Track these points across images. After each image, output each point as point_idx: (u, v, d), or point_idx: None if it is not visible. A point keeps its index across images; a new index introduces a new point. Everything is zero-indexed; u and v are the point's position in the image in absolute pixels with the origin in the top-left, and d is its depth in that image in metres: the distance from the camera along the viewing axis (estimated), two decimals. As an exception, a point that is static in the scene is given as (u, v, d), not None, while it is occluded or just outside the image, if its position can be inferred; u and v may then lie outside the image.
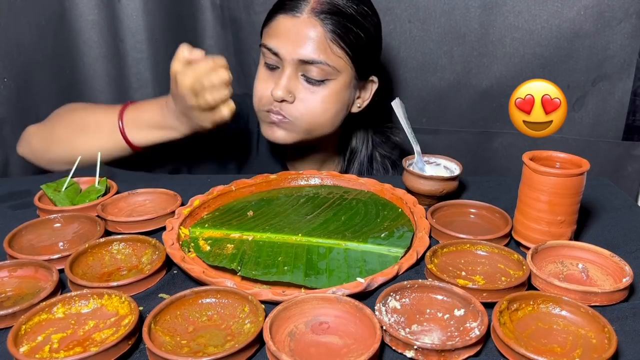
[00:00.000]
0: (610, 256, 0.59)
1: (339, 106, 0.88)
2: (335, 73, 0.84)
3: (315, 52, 0.82)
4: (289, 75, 0.84)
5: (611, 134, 1.13)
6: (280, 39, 0.83)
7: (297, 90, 0.85)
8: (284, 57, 0.83)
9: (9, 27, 1.04)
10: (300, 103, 0.85)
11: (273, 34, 0.85)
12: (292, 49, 0.82)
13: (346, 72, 0.86)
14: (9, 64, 1.05)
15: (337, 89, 0.86)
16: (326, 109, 0.87)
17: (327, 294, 0.52)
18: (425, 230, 0.65)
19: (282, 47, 0.83)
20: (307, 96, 0.85)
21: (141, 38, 1.20)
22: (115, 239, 0.63)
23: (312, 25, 0.82)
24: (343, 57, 0.84)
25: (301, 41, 0.82)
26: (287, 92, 0.84)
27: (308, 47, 0.82)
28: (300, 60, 0.83)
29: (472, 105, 1.18)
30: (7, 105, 1.05)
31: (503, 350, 0.47)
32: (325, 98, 0.86)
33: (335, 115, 0.89)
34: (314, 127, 0.88)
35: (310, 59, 0.82)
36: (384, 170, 1.01)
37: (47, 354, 0.46)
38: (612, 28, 1.05)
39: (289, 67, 0.84)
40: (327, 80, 0.85)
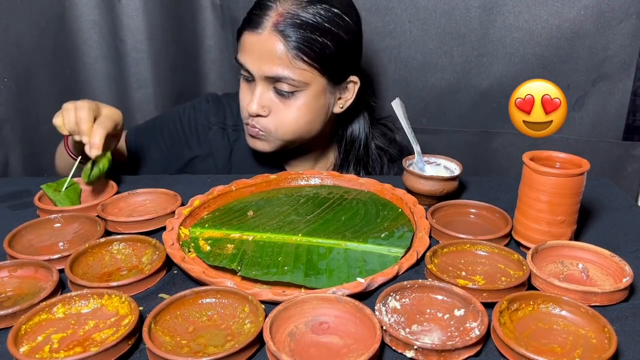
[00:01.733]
0: (610, 256, 0.59)
1: (314, 114, 0.88)
2: (303, 85, 0.84)
3: (278, 68, 0.82)
4: (261, 90, 0.85)
5: (611, 134, 1.13)
6: (247, 56, 0.84)
7: (271, 103, 0.86)
8: (252, 72, 0.85)
9: (9, 27, 1.04)
10: (274, 116, 0.87)
11: (242, 50, 0.86)
12: (258, 66, 0.83)
13: (315, 83, 0.85)
14: (9, 64, 1.05)
15: (309, 99, 0.86)
16: (299, 118, 0.87)
17: (327, 294, 0.52)
18: (425, 230, 0.65)
19: (249, 64, 0.84)
20: (280, 109, 0.86)
21: (141, 38, 1.20)
22: (116, 239, 0.63)
23: (273, 41, 0.81)
24: (309, 70, 0.83)
25: (264, 58, 0.82)
26: (260, 107, 0.85)
27: (271, 64, 0.82)
28: (266, 77, 0.84)
29: (472, 105, 1.18)
30: (7, 105, 1.05)
31: (503, 350, 0.47)
32: (299, 109, 0.86)
33: (311, 122, 0.89)
34: (292, 137, 0.89)
35: (275, 75, 0.82)
36: (381, 166, 1.01)
37: (47, 354, 0.46)
38: (612, 28, 1.05)
39: (260, 83, 0.85)
40: (297, 91, 0.85)
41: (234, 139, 0.99)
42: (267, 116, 0.86)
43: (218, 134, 0.98)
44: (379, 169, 1.01)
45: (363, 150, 1.00)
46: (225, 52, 1.32)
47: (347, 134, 1.00)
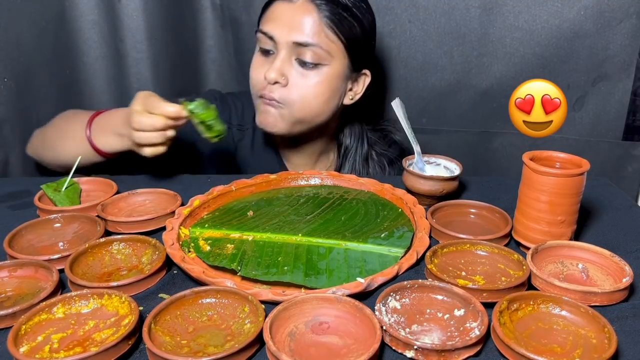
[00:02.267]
0: (610, 256, 0.59)
1: (331, 93, 0.89)
2: (329, 58, 0.86)
3: (310, 35, 0.84)
4: (283, 59, 0.85)
5: (611, 134, 1.13)
6: (276, 23, 0.85)
7: (290, 75, 0.86)
8: (278, 40, 0.85)
9: (9, 27, 1.03)
10: (293, 87, 0.86)
11: (269, 19, 0.87)
12: (287, 32, 0.84)
13: (339, 60, 0.87)
14: (9, 64, 1.04)
15: (330, 75, 0.87)
16: (318, 94, 0.87)
17: (327, 294, 0.52)
18: (425, 230, 0.65)
19: (277, 30, 0.85)
20: (300, 81, 0.86)
21: (141, 38, 1.20)
22: (115, 239, 0.63)
23: (307, 10, 0.84)
24: (336, 43, 0.86)
25: (296, 24, 0.84)
26: (280, 74, 0.85)
27: (303, 30, 0.84)
28: (295, 43, 0.84)
29: (472, 105, 1.18)
30: (7, 105, 1.05)
31: (503, 350, 0.47)
32: (318, 83, 0.87)
33: (327, 102, 0.89)
34: (305, 114, 0.89)
35: (304, 41, 0.84)
36: (381, 169, 1.02)
37: (47, 354, 0.46)
38: (612, 28, 1.05)
39: (283, 50, 0.85)
40: (320, 65, 0.86)
41: (238, 138, 0.99)
42: (285, 86, 0.86)
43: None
44: (379, 171, 1.01)
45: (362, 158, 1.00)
46: (225, 52, 1.32)
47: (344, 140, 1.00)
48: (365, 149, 1.01)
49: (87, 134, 0.83)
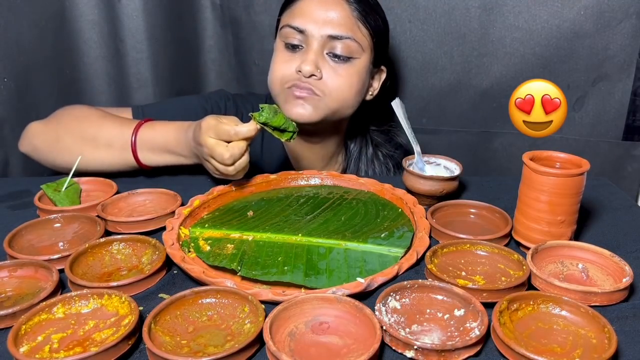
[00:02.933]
0: (610, 256, 0.59)
1: (361, 86, 0.91)
2: (360, 51, 0.87)
3: (343, 28, 0.85)
4: (316, 52, 0.85)
5: (611, 134, 1.13)
6: (307, 18, 0.85)
7: (324, 68, 0.86)
8: (311, 33, 0.85)
9: (9, 27, 1.04)
10: (327, 79, 0.86)
11: (298, 14, 0.86)
12: (321, 26, 0.85)
13: (367, 54, 0.89)
14: (9, 64, 1.05)
15: (360, 68, 0.89)
16: (352, 86, 0.88)
17: (327, 294, 0.52)
18: (425, 230, 0.65)
19: (309, 25, 0.85)
20: (333, 73, 0.86)
21: (141, 38, 1.20)
22: (115, 239, 0.63)
23: (339, 5, 0.85)
24: (366, 37, 0.88)
25: (330, 18, 0.85)
26: (315, 67, 0.85)
27: (337, 23, 0.85)
28: (328, 36, 0.85)
29: (472, 105, 1.17)
30: (7, 105, 1.05)
31: (503, 350, 0.47)
32: (350, 75, 0.88)
33: (358, 94, 0.91)
34: (339, 105, 0.89)
35: (339, 34, 0.85)
36: (387, 170, 1.02)
37: (47, 354, 0.46)
38: (612, 28, 1.05)
39: (316, 44, 0.85)
40: (351, 58, 0.87)
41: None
42: (319, 79, 0.86)
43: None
44: (385, 171, 1.02)
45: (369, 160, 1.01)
46: (225, 52, 1.32)
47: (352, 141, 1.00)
48: (371, 150, 1.02)
49: (133, 147, 0.82)
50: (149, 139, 0.82)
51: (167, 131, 0.82)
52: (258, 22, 1.20)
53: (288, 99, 0.87)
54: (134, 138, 0.82)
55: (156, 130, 0.83)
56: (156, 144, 0.82)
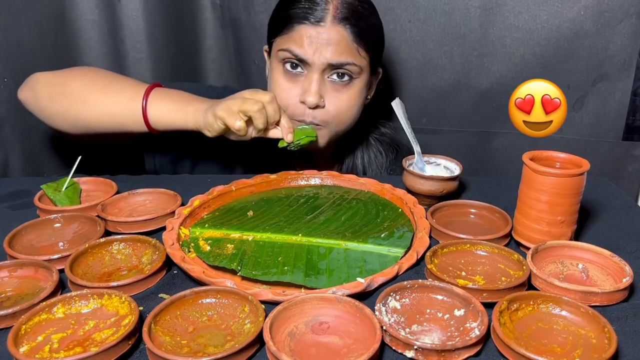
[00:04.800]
0: (610, 256, 0.59)
1: (360, 102, 0.91)
2: (359, 72, 0.87)
3: (343, 54, 0.84)
4: (318, 80, 0.85)
5: (611, 134, 1.12)
6: (306, 47, 0.84)
7: (325, 93, 0.86)
8: (312, 62, 0.84)
9: (9, 27, 1.04)
10: (329, 106, 0.87)
11: (297, 41, 0.84)
12: (321, 54, 0.84)
13: (366, 70, 0.89)
14: (9, 64, 1.04)
15: (360, 86, 0.89)
16: (351, 107, 0.89)
17: (327, 294, 0.52)
18: (425, 230, 0.65)
19: (310, 52, 0.84)
20: (334, 98, 0.87)
21: (141, 38, 1.20)
22: (116, 239, 0.63)
23: (337, 31, 0.84)
24: (365, 57, 0.87)
25: (330, 47, 0.84)
26: (319, 96, 0.85)
27: (337, 51, 0.84)
28: (330, 65, 0.84)
29: (472, 105, 1.17)
30: (7, 105, 1.05)
31: (503, 350, 0.47)
32: (351, 96, 0.88)
33: (358, 111, 0.92)
34: (342, 127, 0.90)
35: (339, 62, 0.84)
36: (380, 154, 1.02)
37: (47, 354, 0.46)
38: (612, 28, 1.04)
39: (317, 72, 0.85)
40: (352, 79, 0.87)
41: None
42: (323, 107, 0.86)
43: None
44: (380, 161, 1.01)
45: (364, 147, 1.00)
46: (225, 52, 1.32)
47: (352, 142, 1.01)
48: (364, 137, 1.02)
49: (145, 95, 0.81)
50: (164, 93, 0.83)
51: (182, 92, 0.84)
52: (258, 22, 1.20)
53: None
54: (149, 89, 0.82)
55: (172, 90, 0.84)
56: (169, 96, 0.82)
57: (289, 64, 0.87)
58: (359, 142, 1.02)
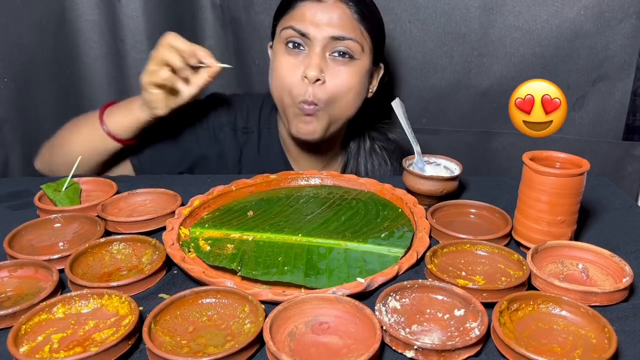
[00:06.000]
0: (610, 256, 0.59)
1: (361, 88, 0.91)
2: (360, 52, 0.88)
3: (345, 29, 0.86)
4: (319, 55, 0.86)
5: (611, 134, 1.13)
6: (309, 21, 0.86)
7: (326, 69, 0.87)
8: (314, 36, 0.85)
9: (9, 27, 1.04)
10: (329, 82, 0.87)
11: (299, 18, 0.87)
12: (323, 28, 0.85)
13: (367, 54, 0.90)
14: (9, 64, 1.05)
15: (360, 69, 0.89)
16: (351, 88, 0.89)
17: (327, 294, 0.52)
18: (425, 230, 0.65)
19: (312, 27, 0.85)
20: (335, 74, 0.87)
21: (141, 38, 1.20)
22: (116, 239, 0.63)
23: (339, 7, 0.86)
24: (367, 38, 0.88)
25: (331, 20, 0.86)
26: (320, 71, 0.85)
27: (339, 25, 0.85)
28: (331, 38, 0.85)
29: (472, 105, 1.17)
30: (7, 105, 1.05)
31: (503, 350, 0.47)
32: (350, 76, 0.88)
33: (357, 96, 0.91)
34: (338, 110, 0.89)
35: (341, 34, 0.85)
36: (385, 163, 1.02)
37: (47, 354, 0.46)
38: (612, 28, 1.05)
39: (318, 47, 0.86)
40: (352, 59, 0.88)
41: (243, 141, 0.99)
42: (323, 83, 0.86)
43: (229, 136, 0.98)
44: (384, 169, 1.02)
45: (367, 153, 1.01)
46: (225, 52, 1.32)
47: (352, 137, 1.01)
48: (369, 144, 1.02)
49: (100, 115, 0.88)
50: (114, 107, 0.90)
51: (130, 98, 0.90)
52: (258, 22, 1.20)
53: (297, 116, 0.89)
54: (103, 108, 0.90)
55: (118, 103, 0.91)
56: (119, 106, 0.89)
57: (291, 43, 0.88)
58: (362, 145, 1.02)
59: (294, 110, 0.89)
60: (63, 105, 1.17)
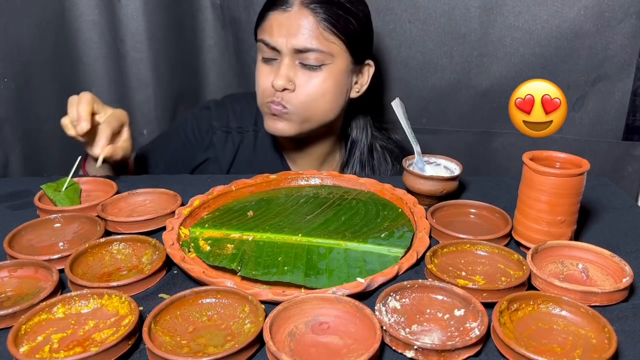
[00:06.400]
0: (610, 256, 0.59)
1: (337, 90, 0.90)
2: (330, 58, 0.87)
3: (308, 40, 0.85)
4: (287, 64, 0.86)
5: (611, 134, 1.13)
6: (274, 32, 0.86)
7: (297, 78, 0.87)
8: (280, 48, 0.86)
9: (9, 27, 1.04)
10: (300, 89, 0.87)
11: (268, 29, 0.88)
12: (287, 40, 0.85)
13: (341, 57, 0.89)
14: (9, 64, 1.05)
15: (334, 72, 0.89)
16: (325, 92, 0.89)
17: (327, 294, 0.52)
18: (425, 230, 0.65)
19: (277, 39, 0.86)
20: (306, 82, 0.87)
21: (141, 38, 1.20)
22: (116, 239, 0.63)
23: (303, 15, 0.85)
24: (336, 43, 0.87)
25: (295, 32, 0.85)
26: (287, 80, 0.86)
27: (302, 36, 0.85)
28: (295, 49, 0.85)
29: (472, 105, 1.18)
30: (7, 105, 1.05)
31: (503, 350, 0.47)
32: (324, 81, 0.88)
33: (334, 99, 0.91)
34: (313, 113, 0.90)
35: (304, 47, 0.85)
36: (385, 162, 1.02)
37: (47, 354, 0.46)
38: (612, 28, 1.05)
39: (287, 57, 0.86)
40: (324, 65, 0.87)
41: (238, 140, 1.00)
42: (293, 91, 0.87)
43: (222, 138, 0.99)
44: (384, 168, 1.01)
45: (367, 149, 1.01)
46: (225, 52, 1.32)
47: (351, 133, 1.01)
48: (370, 139, 1.02)
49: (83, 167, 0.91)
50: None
51: None
52: (258, 22, 1.21)
53: (266, 113, 0.91)
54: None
55: None
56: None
57: (265, 54, 0.89)
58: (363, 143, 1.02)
59: (264, 109, 0.91)
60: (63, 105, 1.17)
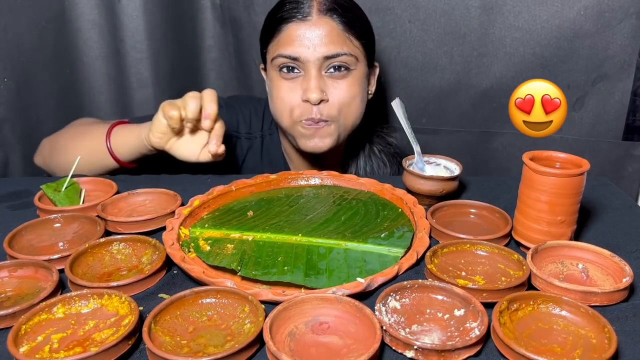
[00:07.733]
0: (610, 256, 0.59)
1: (363, 94, 0.91)
2: (355, 62, 0.87)
3: (338, 45, 0.85)
4: (316, 76, 0.85)
5: (611, 134, 1.13)
6: (297, 44, 0.85)
7: (326, 88, 0.87)
8: (306, 59, 0.84)
9: (9, 27, 1.04)
10: (333, 98, 0.87)
11: (288, 42, 0.85)
12: (314, 49, 0.84)
13: (361, 61, 0.89)
14: (9, 64, 1.05)
15: (358, 76, 0.89)
16: (354, 96, 0.89)
17: (327, 294, 0.52)
18: (425, 230, 0.65)
19: (302, 51, 0.84)
20: (335, 91, 0.87)
21: (141, 38, 1.20)
22: (116, 239, 0.63)
23: (324, 23, 0.84)
24: (358, 46, 0.87)
25: (321, 39, 0.84)
26: (320, 91, 0.85)
27: (329, 43, 0.84)
28: (324, 57, 0.84)
29: (472, 105, 1.18)
30: (7, 105, 1.06)
31: (503, 350, 0.47)
32: (351, 86, 0.88)
33: (362, 103, 0.91)
34: (348, 120, 0.90)
35: (334, 52, 0.84)
36: (384, 165, 1.02)
37: (47, 354, 0.46)
38: (612, 28, 1.05)
39: (313, 68, 0.85)
40: (349, 70, 0.87)
41: (247, 146, 0.99)
42: (327, 101, 0.86)
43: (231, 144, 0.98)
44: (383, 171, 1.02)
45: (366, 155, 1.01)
46: (225, 52, 1.32)
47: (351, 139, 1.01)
48: (368, 147, 1.02)
49: (109, 133, 0.87)
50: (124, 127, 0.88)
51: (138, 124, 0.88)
52: (258, 22, 1.20)
53: (304, 134, 0.89)
54: (113, 126, 0.89)
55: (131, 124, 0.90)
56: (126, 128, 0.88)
57: (285, 68, 0.87)
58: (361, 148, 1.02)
59: (299, 129, 0.89)
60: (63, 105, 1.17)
